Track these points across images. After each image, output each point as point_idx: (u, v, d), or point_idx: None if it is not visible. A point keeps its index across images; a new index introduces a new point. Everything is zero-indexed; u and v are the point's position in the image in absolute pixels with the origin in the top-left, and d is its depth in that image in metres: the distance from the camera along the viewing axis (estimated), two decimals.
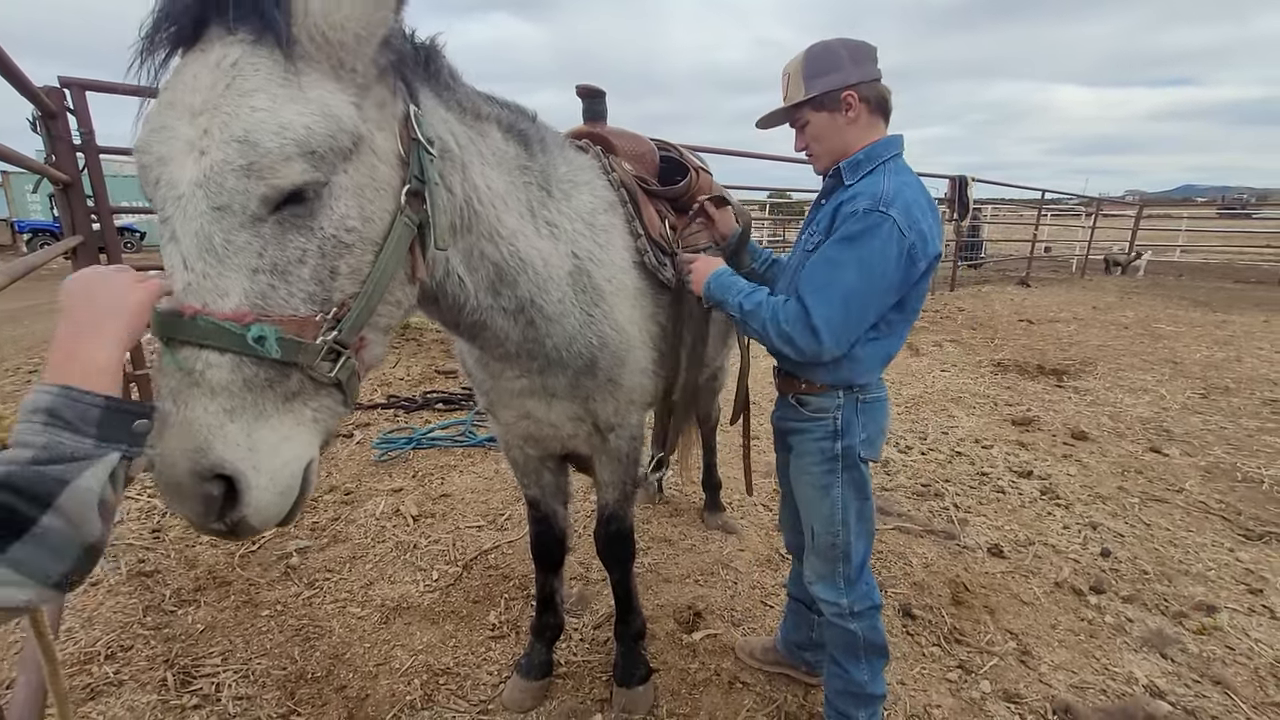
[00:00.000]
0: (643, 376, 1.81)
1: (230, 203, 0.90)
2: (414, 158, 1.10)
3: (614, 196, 1.77)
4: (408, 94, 1.13)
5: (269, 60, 0.92)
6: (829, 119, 1.62)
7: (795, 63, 1.63)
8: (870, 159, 1.61)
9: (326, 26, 0.95)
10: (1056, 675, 2.30)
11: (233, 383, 0.91)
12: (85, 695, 2.08)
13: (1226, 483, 3.85)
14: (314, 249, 0.97)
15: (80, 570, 0.71)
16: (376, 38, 1.01)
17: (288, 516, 1.00)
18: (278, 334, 0.92)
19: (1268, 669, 2.33)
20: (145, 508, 3.25)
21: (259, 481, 0.92)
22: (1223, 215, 29.47)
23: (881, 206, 1.48)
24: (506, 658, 2.34)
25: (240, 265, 0.92)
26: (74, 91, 3.43)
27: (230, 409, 0.91)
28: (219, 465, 0.89)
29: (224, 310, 0.90)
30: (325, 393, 1.02)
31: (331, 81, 0.98)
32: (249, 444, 0.92)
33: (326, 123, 0.95)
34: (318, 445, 1.04)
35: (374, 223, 1.05)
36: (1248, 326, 8.61)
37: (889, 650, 1.88)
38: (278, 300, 0.94)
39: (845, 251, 1.50)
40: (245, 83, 0.90)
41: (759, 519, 3.38)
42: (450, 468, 3.92)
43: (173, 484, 0.89)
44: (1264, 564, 2.99)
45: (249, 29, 0.92)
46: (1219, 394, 5.57)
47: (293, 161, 0.91)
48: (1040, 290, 12.33)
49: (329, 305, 1.00)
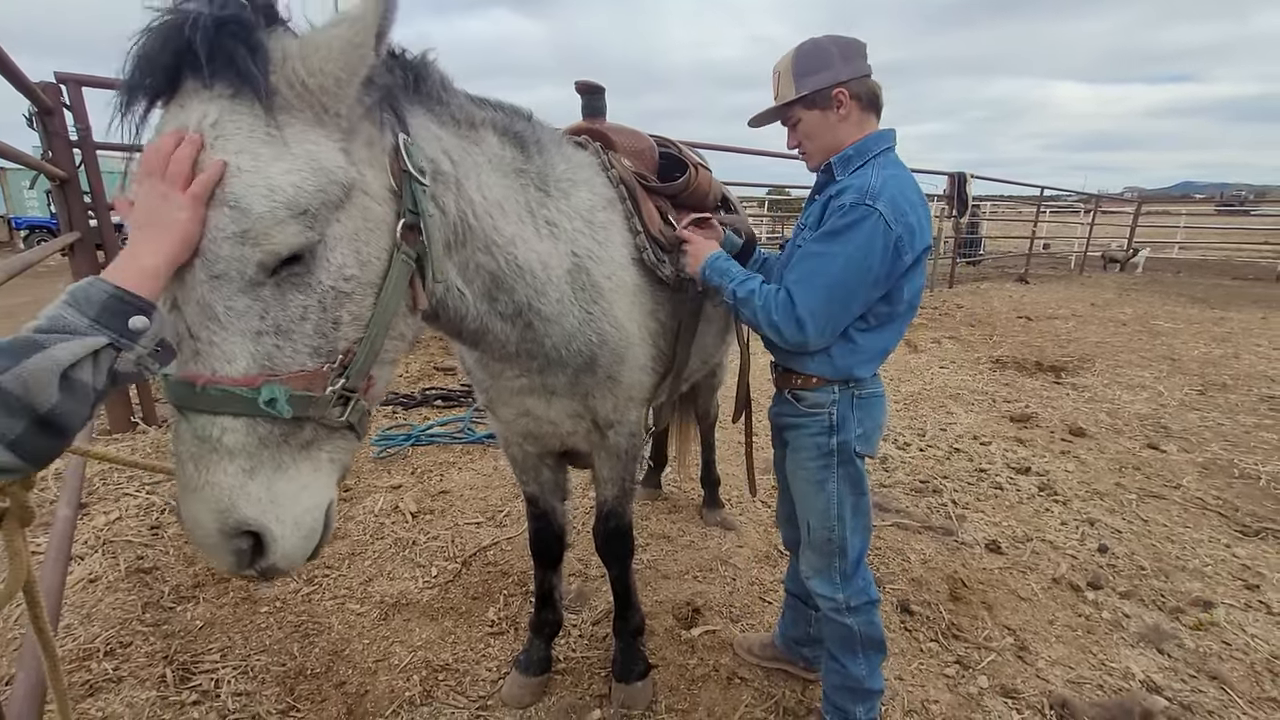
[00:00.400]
0: (642, 373, 1.81)
1: (227, 270, 0.89)
2: (406, 190, 1.09)
3: (613, 193, 1.77)
4: (396, 123, 1.11)
5: (249, 116, 0.90)
6: (821, 117, 1.63)
7: (785, 61, 1.64)
8: (861, 154, 1.62)
9: (304, 73, 0.93)
10: (1054, 671, 2.30)
11: (249, 443, 0.94)
12: (84, 691, 2.09)
13: (1223, 479, 3.87)
14: (315, 304, 0.97)
15: (31, 444, 0.70)
16: (358, 78, 0.98)
17: (313, 554, 1.04)
18: (288, 393, 0.94)
19: (1264, 664, 2.34)
20: (144, 504, 3.25)
21: (283, 531, 0.97)
22: (1221, 212, 29.52)
23: (868, 200, 1.49)
24: (505, 654, 2.35)
25: (244, 330, 0.92)
26: (70, 87, 3.42)
27: (249, 468, 0.94)
28: (244, 523, 0.94)
29: (233, 376, 0.91)
30: (338, 435, 1.05)
31: (316, 130, 0.96)
32: (270, 498, 0.95)
33: (316, 177, 0.93)
34: (335, 485, 1.07)
35: (372, 265, 1.04)
36: (1245, 323, 8.63)
37: (886, 645, 1.88)
38: (284, 359, 0.95)
39: (831, 244, 1.52)
40: (228, 143, 0.88)
41: (757, 515, 3.39)
42: (449, 464, 3.92)
43: (204, 542, 0.94)
44: (1260, 560, 3.00)
45: (225, 83, 0.89)
46: (1216, 390, 5.58)
47: (285, 224, 0.90)
48: (1039, 287, 12.34)
49: (334, 355, 1.01)
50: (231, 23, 0.89)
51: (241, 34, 0.90)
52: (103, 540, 2.91)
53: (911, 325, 1.78)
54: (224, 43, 0.88)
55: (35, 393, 0.69)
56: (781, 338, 1.58)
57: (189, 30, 0.87)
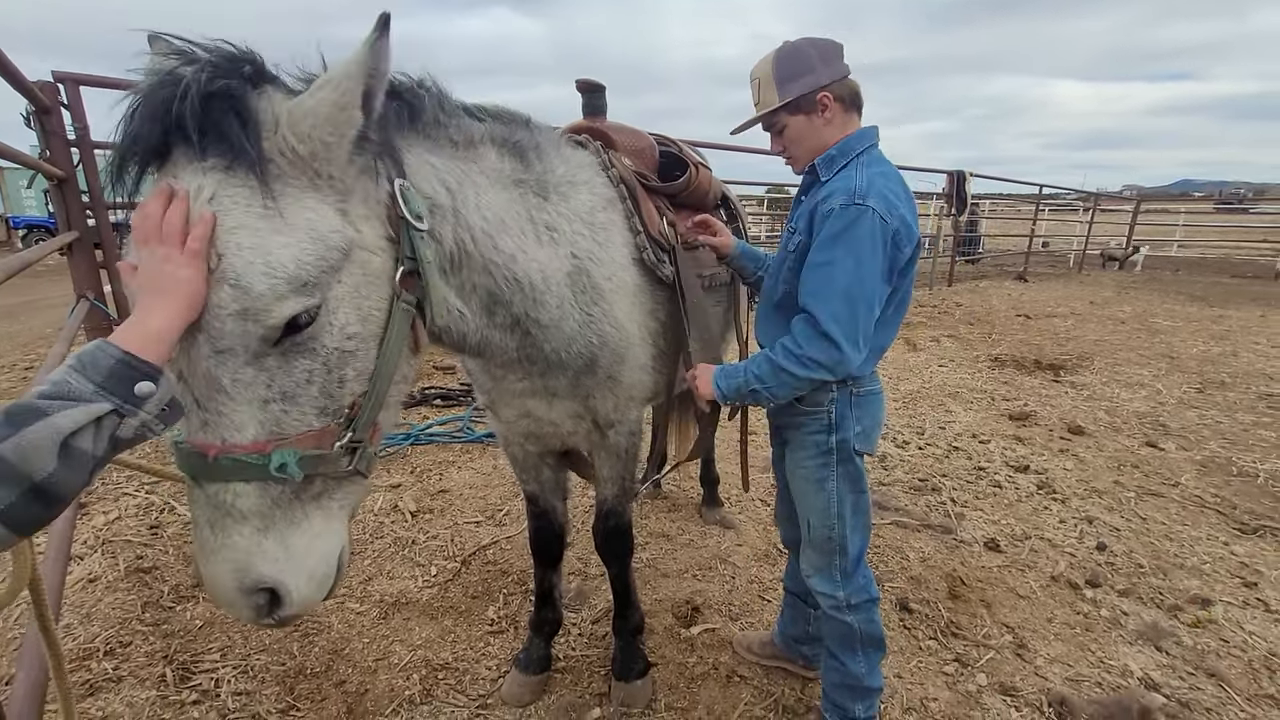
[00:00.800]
0: (642, 373, 1.81)
1: (232, 345, 0.90)
2: (404, 236, 1.08)
3: (613, 193, 1.77)
4: (392, 167, 1.09)
5: (245, 189, 0.89)
6: (806, 121, 1.62)
7: (764, 67, 1.61)
8: (844, 153, 1.61)
9: (294, 140, 0.92)
10: (1052, 668, 2.31)
11: (261, 505, 0.96)
12: (84, 691, 2.08)
13: (1222, 477, 3.87)
14: (319, 366, 0.98)
15: (21, 513, 0.68)
16: (347, 140, 0.96)
17: (328, 595, 1.07)
18: (298, 456, 0.96)
19: (1261, 661, 2.35)
20: (143, 504, 3.25)
21: (299, 583, 1.00)
22: (1220, 210, 29.55)
23: (858, 199, 1.48)
24: (505, 653, 2.35)
25: (251, 399, 0.93)
26: (68, 86, 3.41)
27: (263, 527, 0.96)
28: (261, 581, 0.97)
29: (243, 444, 0.93)
30: (347, 482, 1.07)
31: (311, 195, 0.95)
32: (285, 554, 0.98)
33: (315, 246, 0.93)
34: (347, 528, 1.10)
35: (373, 319, 1.04)
36: (1244, 321, 8.64)
37: (886, 643, 1.89)
38: (291, 423, 0.97)
39: (834, 250, 1.50)
40: (226, 219, 0.87)
41: (756, 514, 3.39)
42: (448, 463, 3.92)
43: (223, 599, 0.98)
44: (1258, 557, 3.01)
45: (219, 156, 0.88)
46: (1215, 389, 5.59)
47: (286, 299, 0.90)
48: (1038, 285, 12.35)
49: (340, 411, 1.02)
50: (222, 95, 0.88)
51: (232, 104, 0.89)
52: (102, 540, 2.91)
53: (910, 324, 1.77)
54: (214, 116, 0.87)
55: (32, 461, 0.68)
56: (822, 366, 1.51)
57: (178, 104, 0.86)
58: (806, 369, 1.52)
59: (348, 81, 0.92)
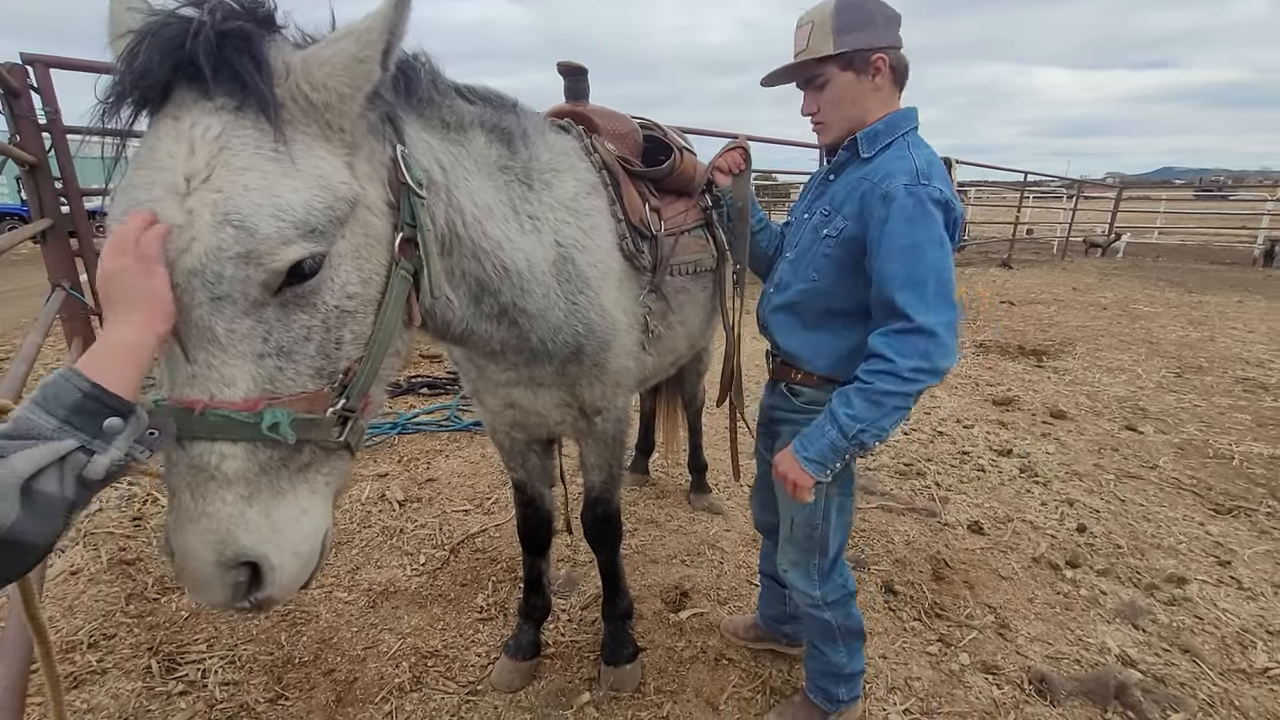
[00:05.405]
0: (628, 359, 1.81)
1: (230, 292, 0.86)
2: (404, 203, 1.07)
3: (597, 179, 1.75)
4: (394, 134, 1.09)
5: (255, 131, 0.86)
6: (854, 82, 1.49)
7: (822, 12, 1.46)
8: (889, 130, 1.50)
9: (308, 88, 0.90)
10: (1033, 647, 2.36)
11: (249, 470, 0.90)
12: (69, 684, 2.06)
13: (1198, 459, 3.95)
14: (318, 324, 0.95)
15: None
16: (362, 93, 0.95)
17: (306, 583, 1.02)
18: (291, 417, 0.91)
19: (1234, 637, 2.41)
20: (125, 495, 3.21)
21: (283, 561, 0.94)
22: (1200, 197, 29.90)
23: (923, 181, 1.39)
24: (495, 639, 2.36)
25: (246, 352, 0.89)
26: (38, 69, 3.31)
27: (248, 495, 0.91)
28: (244, 554, 0.90)
29: (233, 400, 0.88)
30: (335, 456, 1.03)
31: (322, 145, 0.93)
32: (270, 526, 0.92)
33: (324, 195, 0.91)
34: (331, 509, 1.05)
35: (373, 282, 1.02)
36: (1221, 307, 8.79)
37: (865, 632, 1.90)
38: (286, 381, 0.93)
39: (916, 233, 1.38)
40: (234, 159, 0.84)
41: (744, 500, 3.41)
42: (436, 452, 3.91)
43: (197, 576, 0.89)
44: (1232, 537, 3.08)
45: (229, 96, 0.86)
46: (1193, 373, 5.69)
47: (292, 244, 0.87)
48: (1022, 272, 12.46)
49: (335, 375, 0.99)
50: (235, 35, 0.86)
51: (246, 46, 0.87)
52: (83, 532, 2.87)
53: None
54: (228, 55, 0.85)
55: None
56: (927, 372, 1.37)
57: (190, 42, 0.83)
58: (912, 382, 1.38)
59: (370, 35, 0.91)
